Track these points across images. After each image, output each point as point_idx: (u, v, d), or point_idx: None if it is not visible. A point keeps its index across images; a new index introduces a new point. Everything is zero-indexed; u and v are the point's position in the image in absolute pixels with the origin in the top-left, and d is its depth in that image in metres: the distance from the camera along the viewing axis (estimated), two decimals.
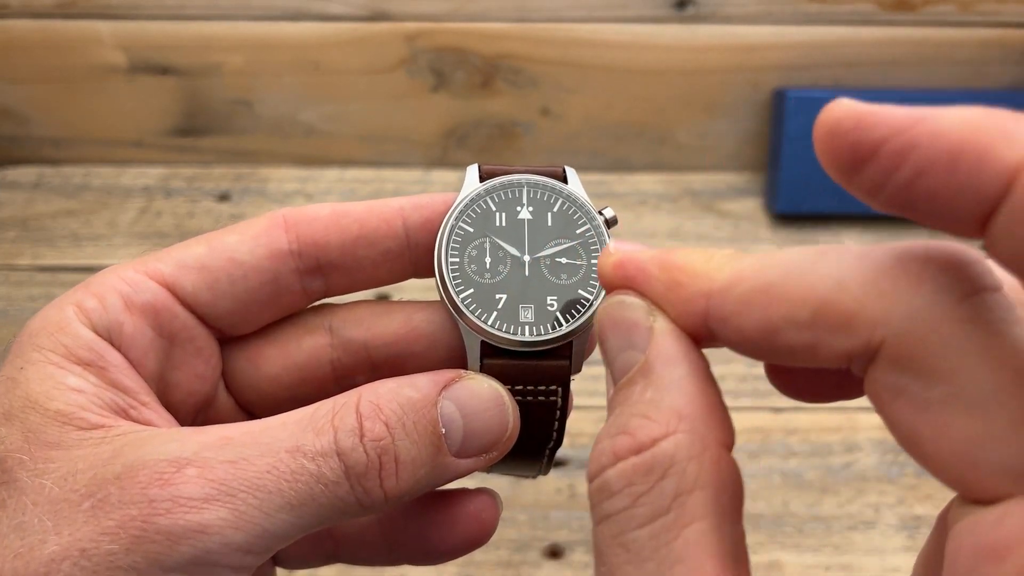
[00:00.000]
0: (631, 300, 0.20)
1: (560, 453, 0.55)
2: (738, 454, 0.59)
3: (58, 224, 0.70)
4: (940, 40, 0.69)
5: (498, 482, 0.53)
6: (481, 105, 0.72)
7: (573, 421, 0.56)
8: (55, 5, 0.70)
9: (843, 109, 0.16)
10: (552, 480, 0.54)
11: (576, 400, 0.58)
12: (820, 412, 0.58)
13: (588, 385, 0.59)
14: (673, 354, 0.19)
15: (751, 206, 0.71)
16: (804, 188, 0.68)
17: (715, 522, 0.18)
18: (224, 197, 0.72)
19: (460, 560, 0.50)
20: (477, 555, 0.50)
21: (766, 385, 0.26)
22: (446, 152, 0.74)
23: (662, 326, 0.19)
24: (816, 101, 0.67)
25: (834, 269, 0.17)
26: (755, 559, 0.50)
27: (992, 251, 0.16)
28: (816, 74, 0.70)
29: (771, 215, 0.70)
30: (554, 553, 0.51)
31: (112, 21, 0.70)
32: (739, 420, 0.62)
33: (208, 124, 0.74)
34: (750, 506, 0.52)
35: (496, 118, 0.73)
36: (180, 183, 0.73)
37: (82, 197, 0.72)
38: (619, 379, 0.20)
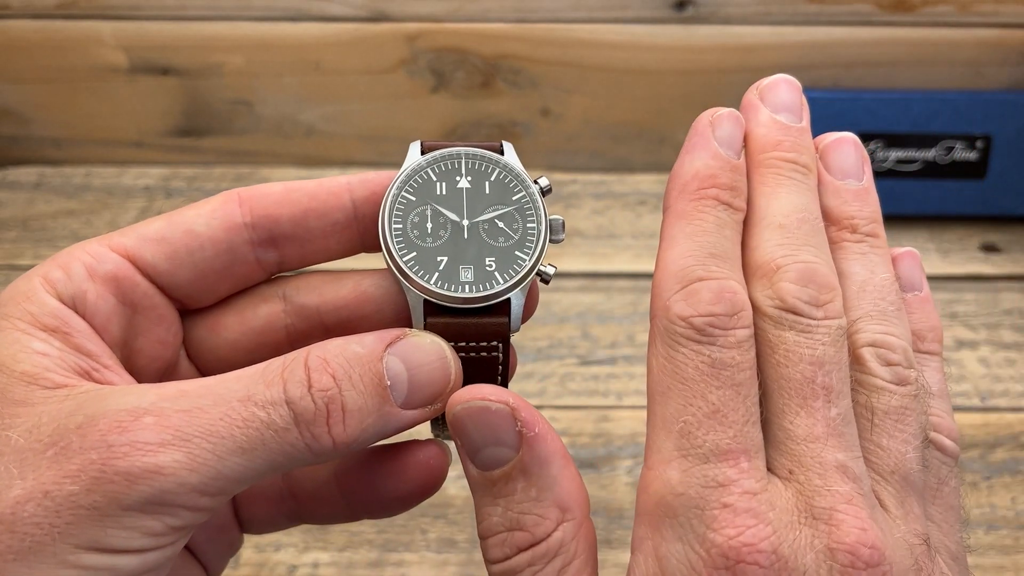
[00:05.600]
0: (497, 406, 0.24)
1: None
2: None
3: (59, 224, 0.70)
4: (939, 41, 0.69)
5: None
6: (481, 105, 0.72)
7: (572, 421, 0.57)
8: (55, 5, 0.70)
9: None
10: None
11: (575, 400, 0.58)
12: None
13: (588, 385, 0.60)
14: (544, 455, 0.24)
15: None
16: None
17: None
18: None
19: (460, 560, 0.50)
20: (477, 555, 0.50)
21: None
22: None
23: (530, 431, 0.24)
24: (816, 101, 0.67)
25: None
26: None
27: None
28: (815, 74, 0.70)
29: None
30: None
31: (112, 21, 0.70)
32: None
33: (208, 124, 0.74)
34: None
35: (496, 118, 0.73)
36: (181, 183, 0.73)
37: (83, 197, 0.72)
38: (488, 467, 0.24)
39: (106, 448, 0.22)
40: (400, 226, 0.27)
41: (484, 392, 0.24)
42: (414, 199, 0.27)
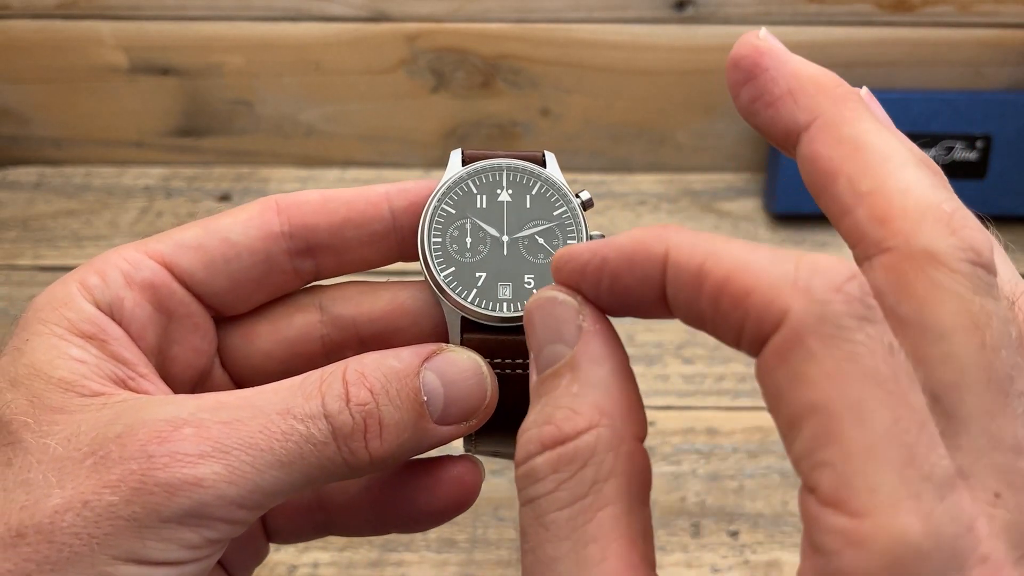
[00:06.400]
0: (563, 297, 0.21)
1: None
2: (738, 454, 0.59)
3: (59, 224, 0.70)
4: (939, 41, 0.69)
5: (498, 482, 0.54)
6: (481, 105, 0.72)
7: None
8: (55, 5, 0.70)
9: (756, 43, 0.22)
10: None
11: None
12: None
13: None
14: (599, 353, 0.21)
15: (750, 206, 0.71)
16: (802, 189, 0.67)
17: (626, 506, 0.19)
18: (225, 197, 0.72)
19: (460, 560, 0.50)
20: (477, 555, 0.50)
21: None
22: (446, 152, 0.74)
23: (590, 326, 0.21)
24: None
25: (748, 251, 0.18)
26: (755, 558, 0.51)
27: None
28: None
29: (770, 215, 0.70)
30: None
31: (112, 21, 0.70)
32: (739, 420, 0.62)
33: (208, 124, 0.74)
34: (750, 506, 0.53)
35: (496, 118, 0.73)
36: (181, 183, 0.73)
37: (83, 197, 0.72)
38: (544, 369, 0.21)
39: (146, 458, 0.21)
40: (439, 240, 0.27)
41: (557, 287, 0.22)
42: (454, 212, 0.27)
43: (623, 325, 0.22)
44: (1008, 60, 0.70)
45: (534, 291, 0.26)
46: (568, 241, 0.27)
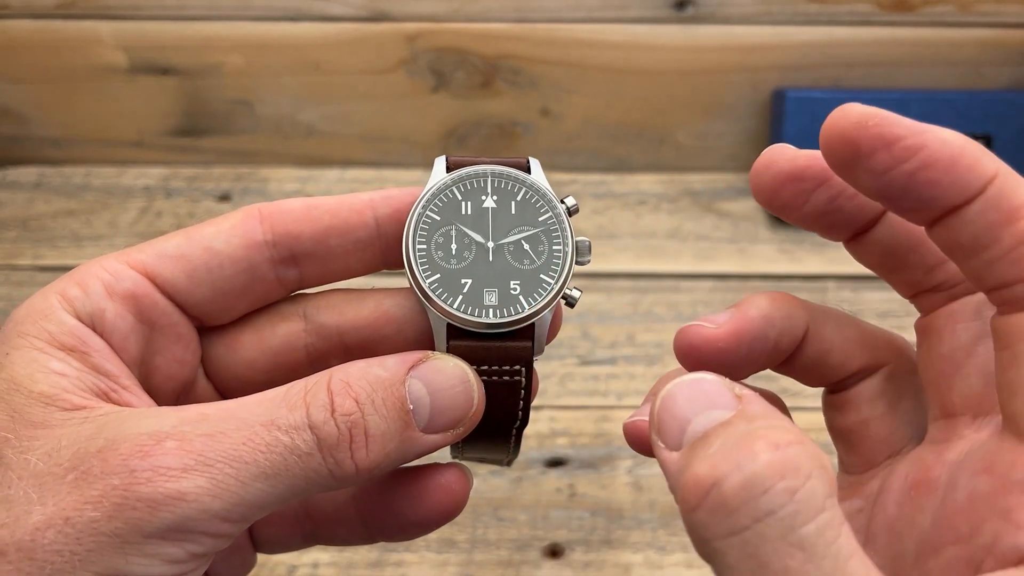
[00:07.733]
0: (711, 377, 0.21)
1: (560, 453, 0.55)
2: None
3: (59, 224, 0.70)
4: (939, 40, 0.69)
5: (497, 482, 0.54)
6: (481, 105, 0.72)
7: (573, 421, 0.57)
8: (55, 5, 0.70)
9: (862, 110, 0.21)
10: (552, 480, 0.54)
11: (575, 400, 0.58)
12: (821, 412, 0.58)
13: (588, 385, 0.59)
14: (765, 408, 0.20)
15: (751, 206, 0.71)
16: None
17: (844, 520, 0.19)
18: (224, 197, 0.72)
19: (460, 560, 0.50)
20: (477, 555, 0.50)
21: (767, 385, 0.26)
22: (446, 153, 0.74)
23: (749, 392, 0.21)
24: (816, 101, 0.67)
25: None
26: None
27: (939, 240, 0.21)
28: (815, 74, 0.70)
29: (770, 215, 0.70)
30: (554, 553, 0.51)
31: (112, 21, 0.70)
32: None
33: (208, 124, 0.74)
34: None
35: (496, 118, 0.73)
36: (180, 183, 0.73)
37: (83, 197, 0.72)
38: (695, 435, 0.20)
39: (128, 473, 0.21)
40: (424, 247, 0.26)
41: (700, 373, 0.21)
42: (439, 218, 0.27)
43: (624, 325, 0.22)
44: (1008, 60, 0.70)
45: (520, 297, 0.26)
46: (554, 247, 0.27)
